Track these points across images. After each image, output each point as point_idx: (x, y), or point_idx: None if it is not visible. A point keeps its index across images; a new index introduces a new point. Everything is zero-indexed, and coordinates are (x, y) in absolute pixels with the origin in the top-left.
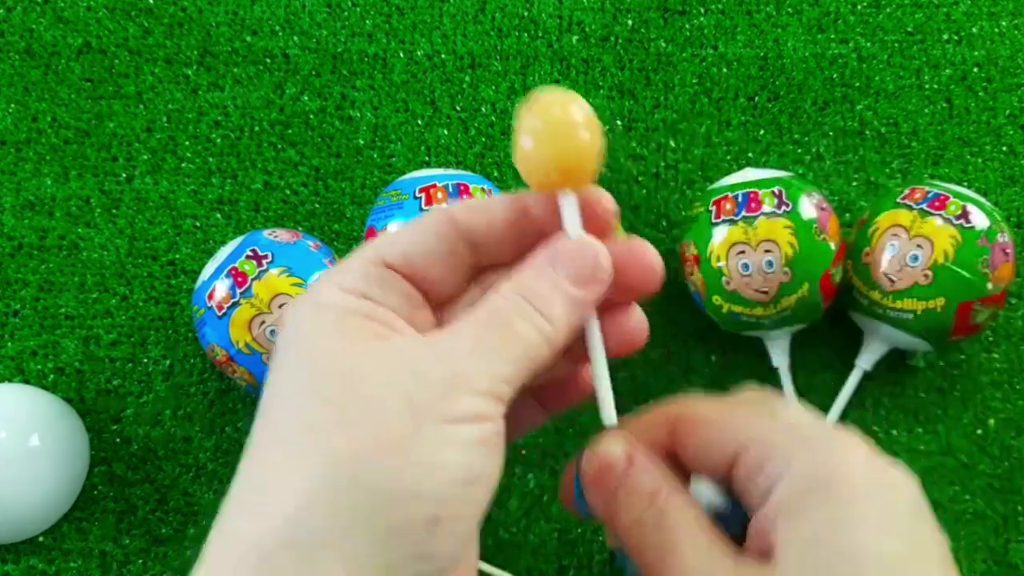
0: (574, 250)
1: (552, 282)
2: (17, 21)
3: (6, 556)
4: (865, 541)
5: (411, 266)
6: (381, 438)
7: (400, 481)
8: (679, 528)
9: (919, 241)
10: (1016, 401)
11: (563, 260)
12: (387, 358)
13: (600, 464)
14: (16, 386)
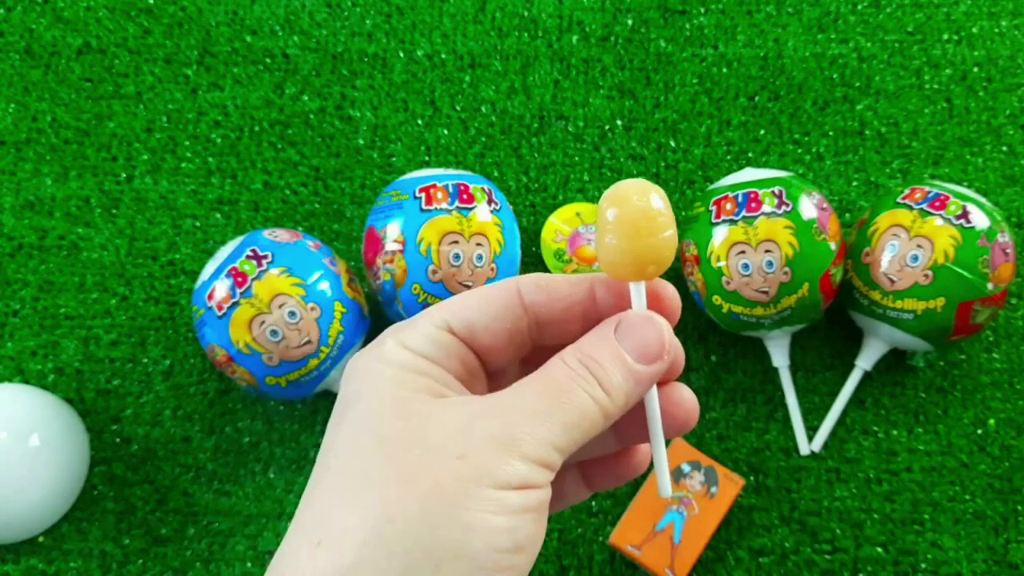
0: (640, 324)
1: (614, 353)
2: (17, 21)
3: (6, 556)
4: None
5: (473, 335)
6: (431, 496)
7: (447, 541)
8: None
9: (919, 241)
10: (1016, 401)
11: (628, 333)
12: (443, 416)
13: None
14: (16, 386)
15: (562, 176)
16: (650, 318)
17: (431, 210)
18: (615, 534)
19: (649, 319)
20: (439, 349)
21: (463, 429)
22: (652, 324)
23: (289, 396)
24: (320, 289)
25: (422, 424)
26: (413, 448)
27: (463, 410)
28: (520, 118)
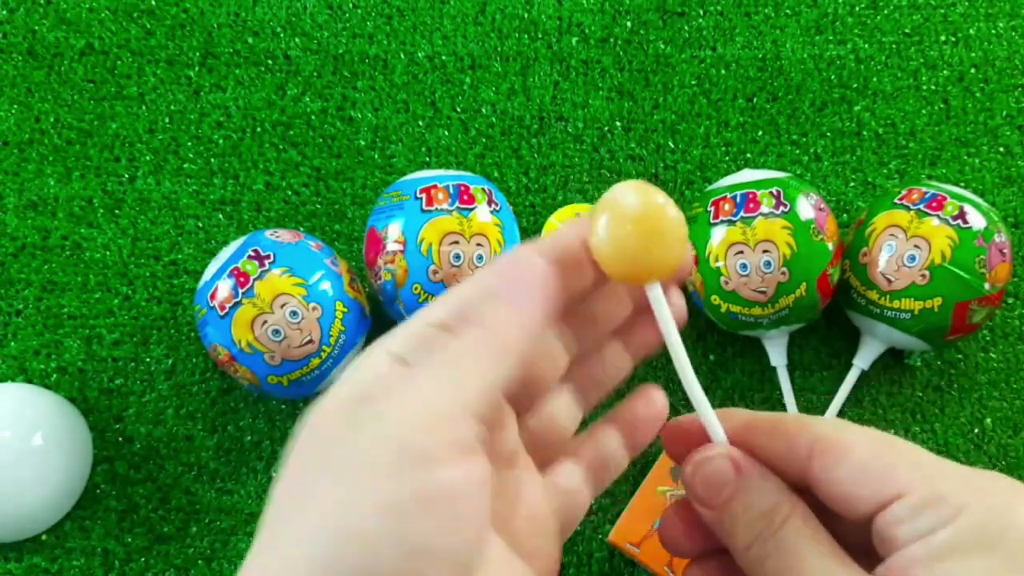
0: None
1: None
2: (20, 22)
3: (9, 554)
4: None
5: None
6: (367, 500)
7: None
8: (802, 552)
9: (916, 241)
10: (1013, 400)
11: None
12: (382, 412)
13: (707, 477)
14: (19, 385)
15: (562, 177)
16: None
17: (432, 211)
18: (614, 532)
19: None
20: (421, 347)
21: (396, 422)
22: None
23: (291, 395)
24: (322, 289)
25: (359, 429)
26: (346, 454)
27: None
28: (520, 119)
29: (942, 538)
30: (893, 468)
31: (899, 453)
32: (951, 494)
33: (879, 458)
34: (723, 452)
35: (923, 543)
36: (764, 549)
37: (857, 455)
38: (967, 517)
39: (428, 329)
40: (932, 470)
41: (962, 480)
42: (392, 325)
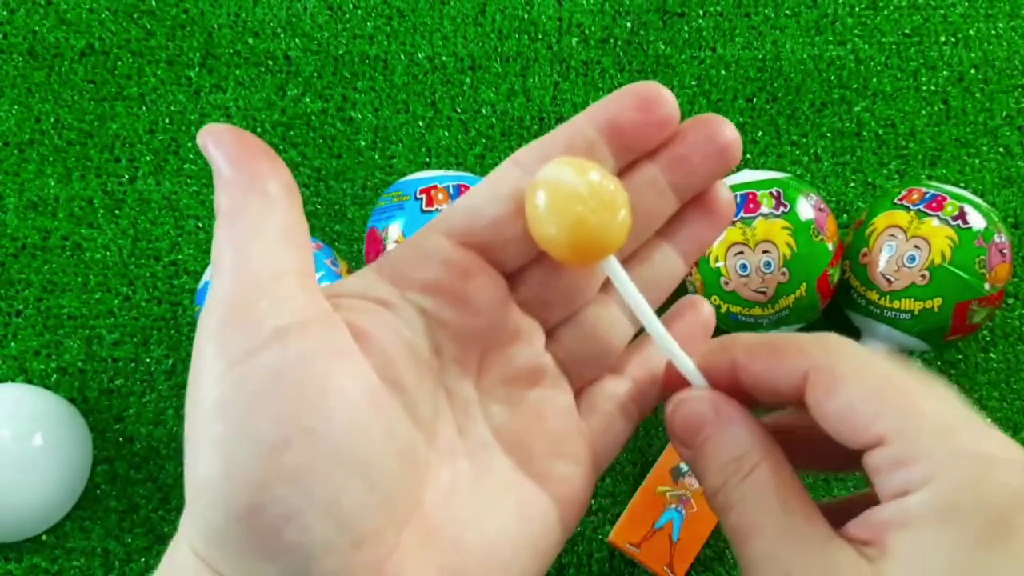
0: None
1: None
2: (20, 23)
3: (9, 555)
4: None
5: (472, 223)
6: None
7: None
8: (764, 504)
9: (916, 242)
10: (1013, 401)
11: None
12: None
13: (685, 416)
14: (19, 386)
15: None
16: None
17: (432, 211)
18: (614, 532)
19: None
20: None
21: None
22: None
23: None
24: None
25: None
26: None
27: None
28: (520, 120)
29: (915, 503)
30: (877, 414)
31: (888, 396)
32: (928, 454)
33: (867, 400)
34: (703, 395)
35: (895, 505)
36: (729, 498)
37: (846, 392)
38: (940, 483)
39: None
40: (917, 421)
41: (945, 437)
42: None
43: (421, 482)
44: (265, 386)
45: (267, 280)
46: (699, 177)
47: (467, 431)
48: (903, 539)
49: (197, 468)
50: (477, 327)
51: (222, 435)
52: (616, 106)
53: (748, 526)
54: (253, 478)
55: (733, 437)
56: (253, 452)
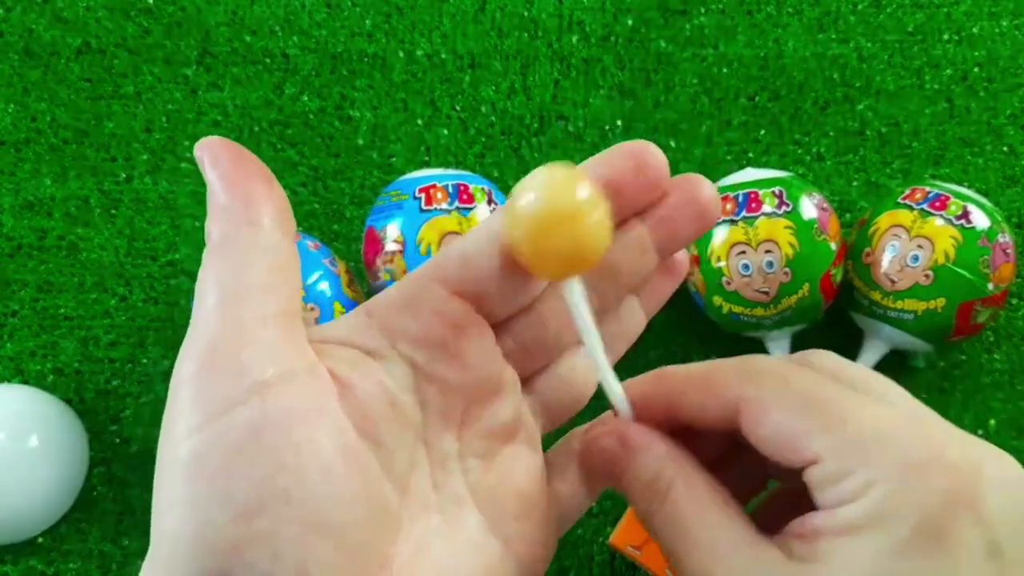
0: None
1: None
2: (16, 21)
3: (5, 557)
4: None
5: (465, 270)
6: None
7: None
8: (687, 521)
9: (920, 241)
10: (1017, 402)
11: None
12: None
13: (595, 455)
14: (15, 387)
15: None
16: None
17: (431, 210)
18: (615, 535)
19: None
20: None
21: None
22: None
23: None
24: (320, 289)
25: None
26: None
27: None
28: (520, 118)
29: (848, 513)
30: (807, 435)
31: (816, 414)
32: (860, 468)
33: (795, 422)
34: (609, 430)
35: (829, 515)
36: (655, 521)
37: (773, 418)
38: (872, 493)
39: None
40: (847, 438)
41: (876, 446)
42: None
43: (392, 540)
44: (242, 445)
45: (251, 325)
46: (682, 238)
47: (443, 485)
48: (836, 545)
49: (167, 520)
50: (465, 381)
51: (196, 493)
52: (614, 166)
53: (677, 546)
54: (224, 541)
55: (643, 463)
56: (226, 514)
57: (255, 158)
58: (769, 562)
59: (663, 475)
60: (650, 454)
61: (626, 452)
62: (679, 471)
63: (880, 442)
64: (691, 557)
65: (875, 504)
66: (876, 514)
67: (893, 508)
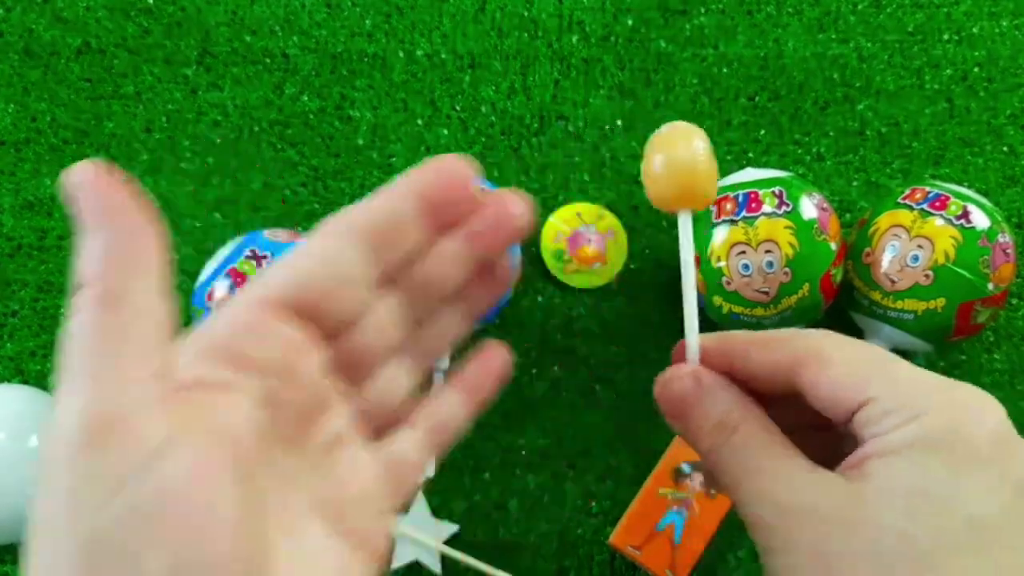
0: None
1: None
2: (16, 21)
3: (5, 556)
4: (964, 500)
5: (302, 296)
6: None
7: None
8: (753, 453)
9: (920, 241)
10: (1017, 402)
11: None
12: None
13: (670, 393)
14: (15, 387)
15: (562, 176)
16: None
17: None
18: (615, 535)
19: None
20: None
21: None
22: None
23: None
24: None
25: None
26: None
27: None
28: (520, 118)
29: (896, 437)
30: (866, 379)
31: (874, 365)
32: (914, 402)
33: (856, 370)
34: (687, 371)
35: (880, 440)
36: (720, 455)
37: (836, 366)
38: (923, 421)
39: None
40: (903, 381)
41: (929, 390)
42: None
43: (263, 572)
44: (151, 518)
45: (132, 389)
46: (493, 251)
47: (290, 504)
48: (882, 464)
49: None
50: (305, 401)
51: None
52: (427, 182)
53: (739, 473)
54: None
55: (716, 401)
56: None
57: (127, 188)
58: (826, 481)
59: (732, 414)
60: (723, 394)
61: (700, 391)
62: (747, 411)
63: (930, 389)
64: (755, 481)
65: (925, 430)
66: (925, 438)
67: (942, 435)
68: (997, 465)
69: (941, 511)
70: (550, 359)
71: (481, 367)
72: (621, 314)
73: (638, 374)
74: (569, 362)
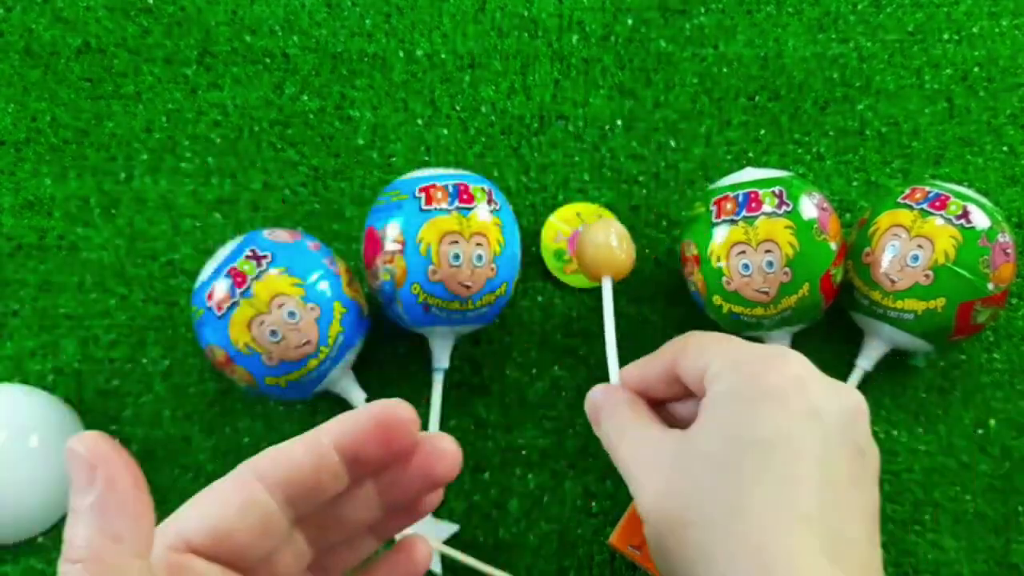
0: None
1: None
2: (16, 21)
3: (5, 556)
4: (754, 426)
5: (222, 545)
6: None
7: None
8: (621, 425)
9: (920, 241)
10: (1017, 401)
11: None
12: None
13: (589, 404)
14: (15, 387)
15: (562, 176)
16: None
17: (431, 210)
18: (615, 535)
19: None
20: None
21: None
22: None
23: (288, 396)
24: (320, 289)
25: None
26: None
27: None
28: (520, 118)
29: (719, 388)
30: (707, 354)
31: (713, 343)
32: (728, 369)
33: (700, 350)
34: (598, 387)
35: (709, 392)
36: (601, 431)
37: (689, 350)
38: (737, 373)
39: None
40: (731, 350)
41: (734, 358)
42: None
43: None
44: None
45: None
46: (412, 498)
47: None
48: (706, 411)
49: None
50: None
51: None
52: (362, 436)
53: (614, 440)
54: None
55: (610, 398)
56: None
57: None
58: (668, 436)
59: (609, 403)
60: (623, 399)
61: (606, 400)
62: (619, 398)
63: (746, 350)
64: (622, 445)
65: (737, 379)
66: (736, 384)
67: (748, 380)
68: (787, 400)
69: (737, 436)
70: (550, 359)
71: (396, 569)
72: (621, 314)
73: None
74: (569, 362)
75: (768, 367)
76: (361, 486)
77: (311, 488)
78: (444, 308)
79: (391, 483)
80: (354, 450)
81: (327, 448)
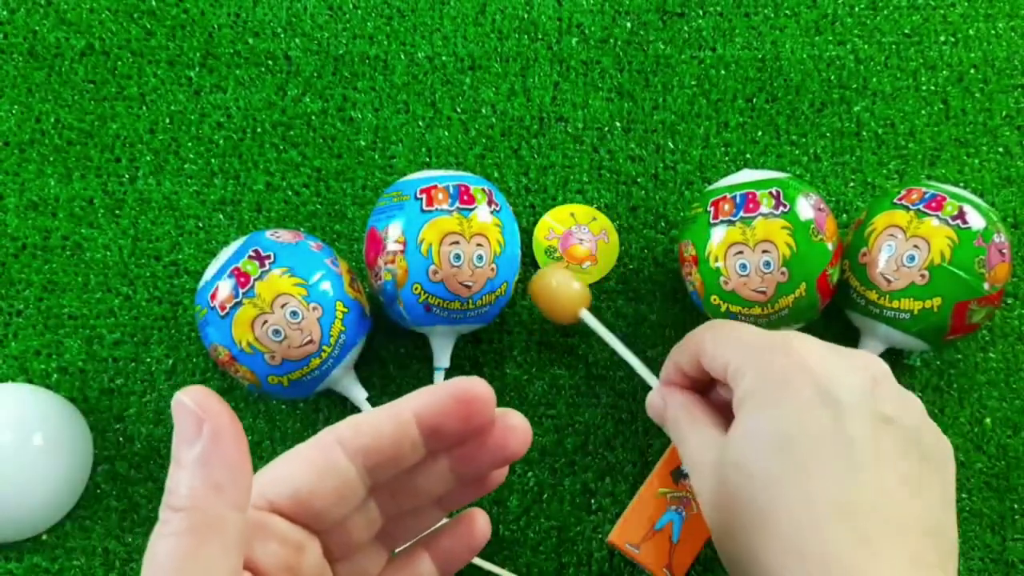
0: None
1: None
2: (21, 23)
3: (10, 554)
4: (777, 422)
5: (301, 505)
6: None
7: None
8: (680, 422)
9: (916, 241)
10: (1012, 400)
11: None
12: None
13: (648, 407)
14: (19, 386)
15: (561, 177)
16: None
17: (432, 211)
18: (614, 532)
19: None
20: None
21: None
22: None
23: (291, 395)
24: (322, 289)
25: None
26: None
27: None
28: (520, 120)
29: (742, 389)
30: (724, 348)
31: (725, 340)
32: (744, 365)
33: (717, 344)
34: (653, 391)
35: (736, 394)
36: (669, 433)
37: (707, 344)
38: (748, 380)
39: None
40: (743, 350)
41: (755, 354)
42: (392, 325)
43: None
44: None
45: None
46: (484, 472)
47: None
48: (738, 417)
49: None
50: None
51: None
52: (442, 411)
53: (677, 442)
54: None
55: (669, 400)
56: None
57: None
58: (712, 439)
59: (672, 401)
60: (681, 396)
61: (663, 401)
62: (676, 398)
63: (762, 343)
64: (682, 448)
65: (753, 385)
66: (755, 389)
67: (765, 386)
68: (796, 390)
69: (758, 440)
70: (550, 359)
71: (457, 540)
72: (620, 314)
73: (637, 373)
74: (569, 362)
75: (773, 358)
76: (436, 459)
77: (390, 457)
78: (445, 308)
79: (465, 457)
80: (434, 424)
81: (408, 420)
